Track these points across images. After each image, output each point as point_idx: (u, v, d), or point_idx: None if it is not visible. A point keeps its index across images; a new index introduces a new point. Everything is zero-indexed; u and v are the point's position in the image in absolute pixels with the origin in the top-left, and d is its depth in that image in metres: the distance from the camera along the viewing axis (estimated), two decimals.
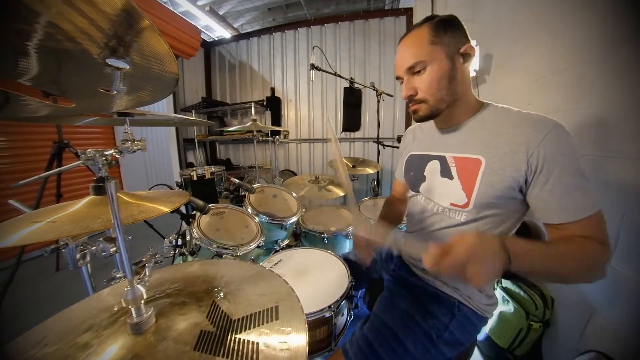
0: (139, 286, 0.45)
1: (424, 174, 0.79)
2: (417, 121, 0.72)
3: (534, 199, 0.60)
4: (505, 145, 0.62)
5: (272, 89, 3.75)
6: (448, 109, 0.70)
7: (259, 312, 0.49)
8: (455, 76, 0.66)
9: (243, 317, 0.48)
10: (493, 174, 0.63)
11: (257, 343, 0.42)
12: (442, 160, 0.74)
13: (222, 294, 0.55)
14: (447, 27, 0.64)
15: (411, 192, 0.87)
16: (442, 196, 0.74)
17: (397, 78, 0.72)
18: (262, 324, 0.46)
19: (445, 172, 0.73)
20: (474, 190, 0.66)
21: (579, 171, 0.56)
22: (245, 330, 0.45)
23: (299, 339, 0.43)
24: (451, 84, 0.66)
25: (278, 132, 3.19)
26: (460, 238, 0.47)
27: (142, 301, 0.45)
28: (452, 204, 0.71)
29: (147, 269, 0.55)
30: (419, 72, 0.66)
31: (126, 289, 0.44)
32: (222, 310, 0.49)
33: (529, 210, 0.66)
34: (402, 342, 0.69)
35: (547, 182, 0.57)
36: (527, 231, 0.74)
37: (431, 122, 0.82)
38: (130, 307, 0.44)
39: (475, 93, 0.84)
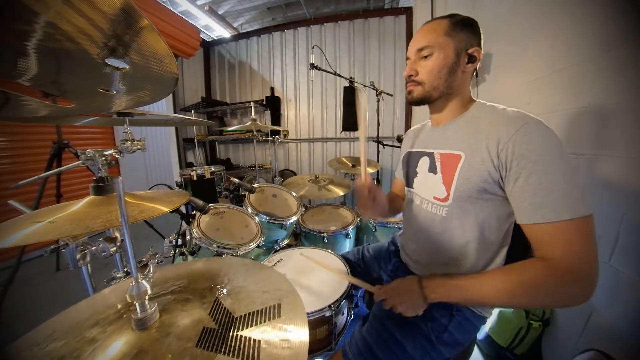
0: (143, 282, 0.45)
1: (416, 169, 0.83)
2: (410, 102, 0.76)
3: (508, 196, 0.60)
4: (483, 140, 0.63)
5: (272, 89, 3.75)
6: (441, 102, 0.74)
7: (261, 309, 0.49)
8: (455, 71, 0.68)
9: (245, 315, 0.48)
10: (470, 168, 0.65)
11: (259, 341, 0.43)
12: (431, 156, 0.77)
13: (225, 290, 0.55)
14: (464, 26, 0.67)
15: (407, 189, 0.89)
16: (427, 190, 0.77)
17: (407, 59, 0.76)
18: (265, 321, 0.46)
19: (432, 168, 0.76)
20: (452, 184, 0.68)
21: (556, 170, 0.53)
22: (247, 327, 0.45)
23: (301, 337, 0.43)
24: (450, 77, 0.69)
25: (278, 132, 3.20)
26: (391, 283, 0.71)
27: (147, 297, 0.45)
28: (434, 197, 0.73)
29: (151, 266, 0.55)
30: (425, 57, 0.69)
31: (131, 284, 0.44)
32: (225, 308, 0.50)
33: None
34: (401, 344, 0.69)
35: (518, 179, 0.56)
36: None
37: (429, 123, 0.86)
38: (135, 302, 0.44)
39: (474, 93, 0.85)
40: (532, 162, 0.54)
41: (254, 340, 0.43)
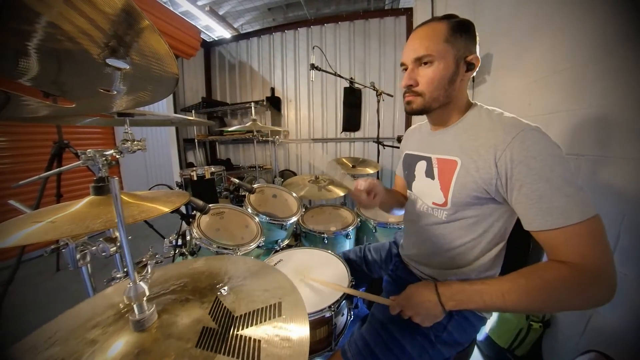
0: (141, 283, 0.45)
1: (414, 173, 0.82)
2: (408, 112, 0.73)
3: (514, 204, 0.58)
4: (480, 148, 0.62)
5: (272, 89, 3.75)
6: (440, 110, 0.71)
7: (262, 308, 0.49)
8: (455, 81, 0.66)
9: (246, 314, 0.48)
10: (466, 175, 0.64)
11: (259, 340, 0.42)
12: (428, 161, 0.77)
13: (225, 289, 0.55)
14: (463, 31, 0.64)
15: (408, 191, 0.90)
16: (426, 195, 0.76)
17: (402, 65, 0.72)
18: (265, 320, 0.46)
19: (429, 173, 0.76)
20: (449, 190, 0.68)
21: (559, 175, 0.52)
22: (247, 326, 0.45)
23: (301, 336, 0.43)
24: (449, 87, 0.66)
25: (278, 132, 3.20)
26: (405, 292, 0.68)
27: (145, 298, 0.45)
28: (433, 203, 0.74)
29: (149, 266, 0.55)
30: (425, 64, 0.66)
31: (129, 285, 0.44)
32: (225, 307, 0.49)
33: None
34: (400, 343, 0.69)
35: (522, 186, 0.55)
36: (528, 239, 0.73)
37: (427, 124, 0.84)
38: (132, 304, 0.44)
39: (470, 94, 0.85)
40: (536, 169, 0.53)
41: (254, 339, 0.43)
